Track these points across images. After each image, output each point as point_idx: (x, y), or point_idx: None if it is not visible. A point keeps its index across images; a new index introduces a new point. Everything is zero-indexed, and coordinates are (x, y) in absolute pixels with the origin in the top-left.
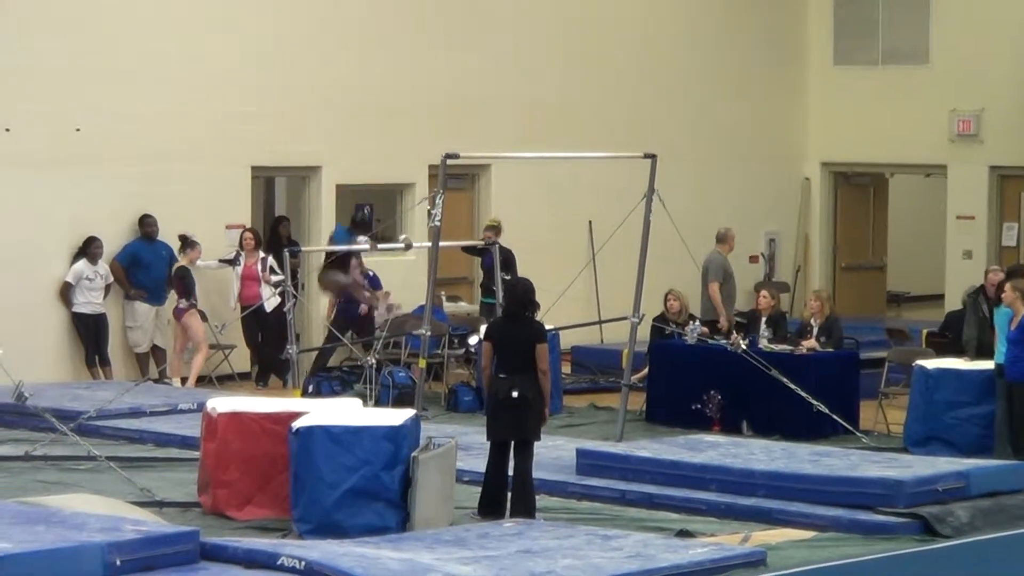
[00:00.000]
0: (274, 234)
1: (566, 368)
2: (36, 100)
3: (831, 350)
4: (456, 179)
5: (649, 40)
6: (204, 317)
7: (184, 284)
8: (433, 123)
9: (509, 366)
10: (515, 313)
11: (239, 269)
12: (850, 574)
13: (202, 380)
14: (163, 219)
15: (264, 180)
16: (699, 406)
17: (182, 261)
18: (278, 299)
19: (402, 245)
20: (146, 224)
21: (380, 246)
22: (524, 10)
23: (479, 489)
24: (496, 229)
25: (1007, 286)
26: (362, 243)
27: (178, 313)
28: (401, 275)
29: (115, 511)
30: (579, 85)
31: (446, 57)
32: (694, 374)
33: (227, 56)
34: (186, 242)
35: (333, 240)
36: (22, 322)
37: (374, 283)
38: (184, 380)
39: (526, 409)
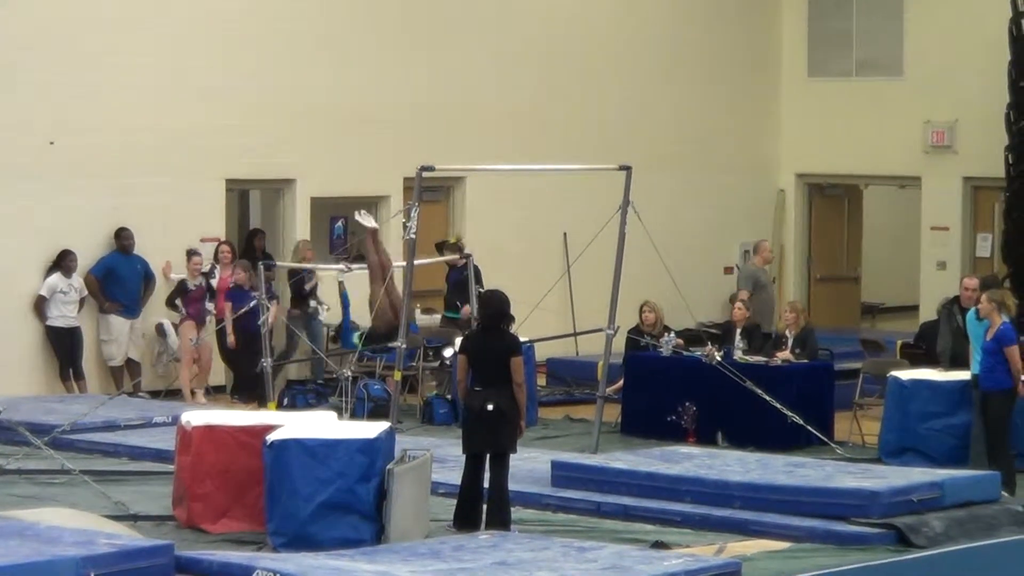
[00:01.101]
0: (249, 247)
1: (541, 380)
2: (9, 113)
3: (806, 361)
4: (431, 191)
5: (623, 52)
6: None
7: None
8: (408, 135)
9: (484, 379)
10: (490, 326)
11: (214, 282)
12: None
13: (176, 393)
14: (137, 232)
15: (239, 193)
16: (674, 418)
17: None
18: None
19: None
20: (122, 237)
21: (353, 266)
22: (499, 22)
23: (454, 501)
24: (458, 247)
25: (983, 297)
26: (338, 267)
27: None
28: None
29: (89, 525)
30: (554, 97)
31: (421, 69)
32: (669, 386)
33: (202, 69)
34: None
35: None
36: None
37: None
38: (194, 393)
39: (502, 421)
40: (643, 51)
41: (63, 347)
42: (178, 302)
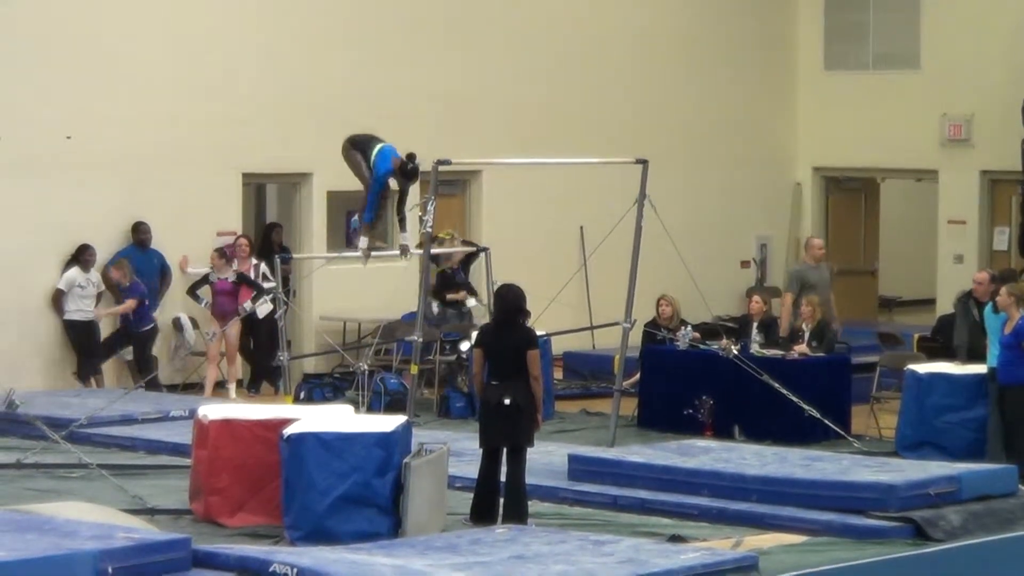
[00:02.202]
0: (266, 240)
1: (558, 374)
2: (27, 108)
3: (822, 355)
4: (447, 185)
5: (640, 44)
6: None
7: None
8: (424, 129)
9: (501, 373)
10: (506, 319)
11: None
12: None
13: (193, 387)
14: (153, 226)
15: (255, 187)
16: (691, 411)
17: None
18: (270, 306)
19: (397, 252)
20: (140, 231)
21: (374, 254)
22: (515, 15)
23: (471, 495)
24: (453, 239)
25: (1002, 290)
26: (360, 247)
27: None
28: (393, 281)
29: (107, 519)
30: (571, 90)
31: (437, 63)
32: (686, 379)
33: (217, 63)
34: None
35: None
36: (13, 330)
37: (135, 291)
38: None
39: (518, 415)
40: (659, 44)
41: (81, 341)
42: (199, 293)
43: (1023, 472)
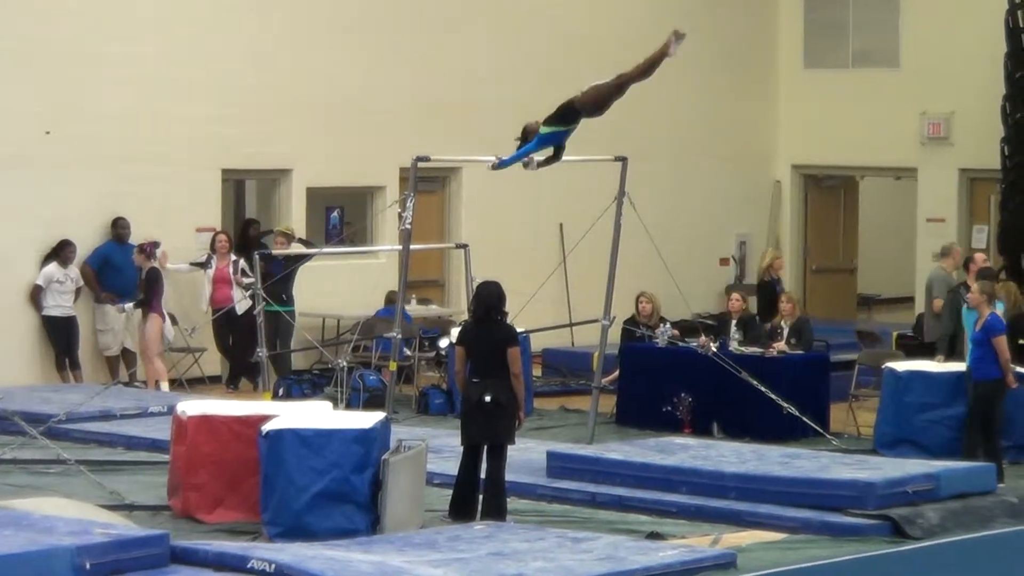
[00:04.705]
0: (243, 237)
1: (537, 371)
2: (5, 103)
3: (801, 352)
4: (427, 182)
5: (620, 42)
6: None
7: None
8: (404, 126)
9: (482, 370)
10: (485, 317)
11: (211, 272)
12: None
13: (173, 383)
14: (133, 222)
15: (234, 183)
16: (670, 408)
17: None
18: (249, 302)
19: (373, 248)
20: (119, 226)
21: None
22: (495, 13)
23: (449, 492)
24: (289, 236)
25: (973, 287)
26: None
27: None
28: (372, 278)
29: (85, 514)
30: (550, 87)
31: (417, 60)
32: (665, 376)
33: (198, 59)
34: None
35: None
36: None
37: None
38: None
39: (499, 413)
40: (640, 42)
41: (59, 337)
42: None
43: (999, 466)
